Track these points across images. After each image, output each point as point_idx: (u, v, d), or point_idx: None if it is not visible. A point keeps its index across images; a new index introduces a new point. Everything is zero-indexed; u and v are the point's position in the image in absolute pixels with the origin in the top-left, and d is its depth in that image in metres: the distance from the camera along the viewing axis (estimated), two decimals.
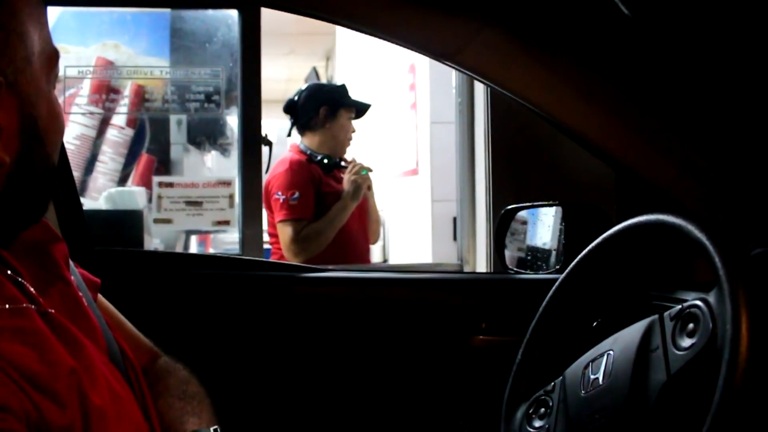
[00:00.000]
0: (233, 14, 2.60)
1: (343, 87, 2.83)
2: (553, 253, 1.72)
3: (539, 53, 1.20)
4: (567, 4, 1.12)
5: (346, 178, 2.60)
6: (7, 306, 0.68)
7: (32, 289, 0.74)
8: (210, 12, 2.71)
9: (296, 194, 2.58)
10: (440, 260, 3.30)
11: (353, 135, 2.77)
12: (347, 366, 1.47)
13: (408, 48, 1.30)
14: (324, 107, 2.73)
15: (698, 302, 0.81)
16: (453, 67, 1.31)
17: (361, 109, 2.83)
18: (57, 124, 0.74)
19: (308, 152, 2.70)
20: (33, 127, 0.69)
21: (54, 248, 0.85)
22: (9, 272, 0.74)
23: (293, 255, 2.56)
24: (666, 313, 0.87)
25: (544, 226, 1.79)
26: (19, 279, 0.74)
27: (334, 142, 2.72)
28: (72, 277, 0.86)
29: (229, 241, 3.57)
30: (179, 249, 3.02)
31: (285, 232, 2.57)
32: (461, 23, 1.18)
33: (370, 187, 2.76)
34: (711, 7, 0.97)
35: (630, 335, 0.91)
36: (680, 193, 1.29)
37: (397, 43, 1.30)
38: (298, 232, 2.56)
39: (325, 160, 2.69)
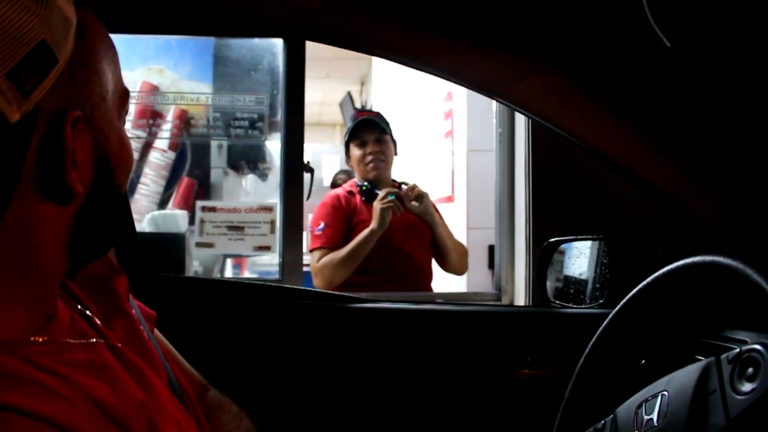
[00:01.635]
0: (277, 43, 2.64)
1: (350, 123, 2.91)
2: (590, 284, 1.72)
3: (589, 91, 1.22)
4: (613, 40, 1.13)
5: (375, 204, 2.59)
6: (81, 341, 0.70)
7: (99, 323, 0.77)
8: (255, 41, 2.76)
9: (321, 225, 2.68)
10: (474, 288, 3.30)
11: (370, 156, 2.74)
12: (391, 397, 1.47)
13: (460, 84, 1.32)
14: (345, 147, 2.90)
15: (758, 346, 0.81)
16: (503, 103, 1.33)
17: (356, 131, 2.81)
18: (127, 157, 0.76)
19: (358, 183, 2.79)
20: (106, 159, 0.71)
21: (116, 281, 0.87)
22: (79, 306, 0.77)
23: (316, 282, 2.63)
24: (723, 356, 0.86)
25: (582, 257, 1.79)
26: (88, 312, 0.77)
27: (359, 172, 2.79)
28: (133, 311, 0.88)
29: (263, 263, 3.61)
30: (216, 271, 3.06)
31: (311, 261, 2.68)
32: (513, 61, 1.20)
33: (425, 211, 2.72)
34: (753, 32, 0.98)
35: (685, 377, 0.90)
36: (728, 230, 1.29)
37: (448, 79, 1.32)
38: (317, 260, 2.63)
39: (364, 187, 2.73)
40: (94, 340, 0.72)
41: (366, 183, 2.73)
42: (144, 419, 0.67)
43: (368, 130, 2.77)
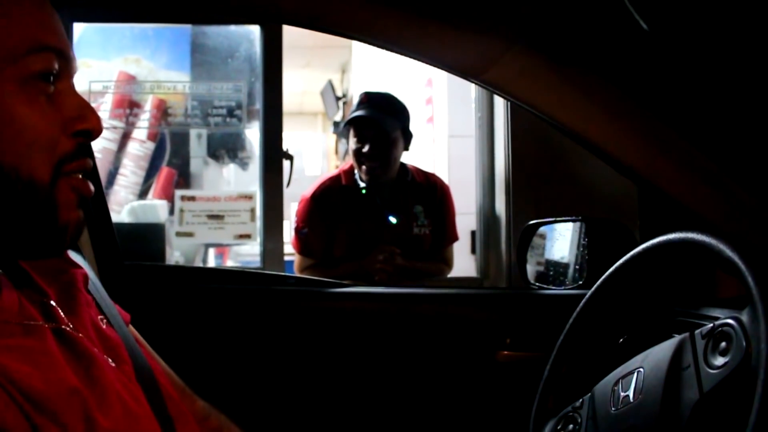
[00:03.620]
0: (254, 30, 2.63)
1: (354, 106, 2.59)
2: (571, 266, 1.72)
3: (564, 70, 1.22)
4: (590, 21, 1.13)
5: (369, 261, 2.40)
6: (23, 323, 0.68)
7: (55, 307, 0.75)
8: (231, 28, 2.74)
9: (304, 229, 2.51)
10: (458, 273, 3.31)
11: (365, 160, 2.45)
12: (372, 381, 1.47)
13: (435, 66, 1.32)
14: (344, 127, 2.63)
15: (731, 321, 0.81)
16: (479, 85, 1.32)
17: (353, 122, 2.49)
18: (16, 127, 0.65)
19: (358, 182, 2.53)
20: None
21: (74, 271, 0.85)
22: (37, 296, 0.75)
23: None
24: (697, 332, 0.87)
25: (562, 240, 1.80)
26: (44, 299, 0.75)
27: (355, 164, 2.53)
28: (90, 297, 0.86)
29: (245, 253, 3.60)
30: (198, 260, 3.05)
31: (295, 258, 2.56)
32: (488, 42, 1.19)
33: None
34: (730, 16, 0.98)
35: (660, 353, 0.91)
36: (703, 209, 1.30)
37: (423, 61, 1.31)
38: (299, 267, 2.53)
39: (363, 191, 2.51)
40: (40, 323, 0.70)
41: (365, 187, 2.51)
42: (76, 405, 0.65)
43: (370, 128, 2.46)
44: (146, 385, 0.83)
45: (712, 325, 0.85)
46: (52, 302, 0.76)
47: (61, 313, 0.76)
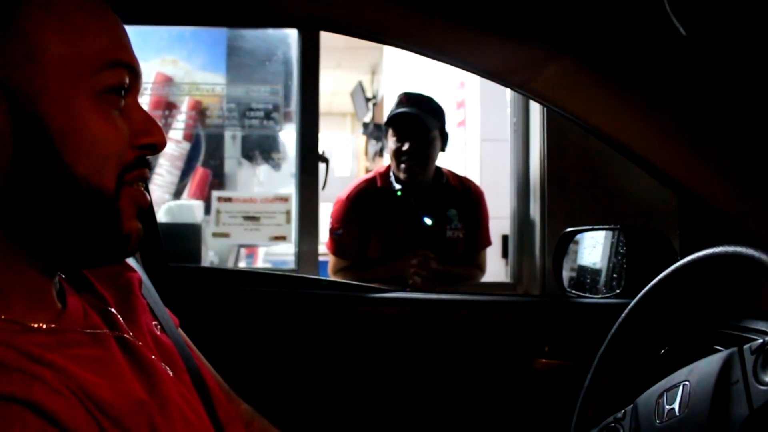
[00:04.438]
0: (291, 33, 2.65)
1: (395, 105, 2.60)
2: (604, 274, 1.72)
3: (605, 79, 1.22)
4: (630, 29, 1.13)
5: (406, 263, 2.41)
6: (89, 332, 0.70)
7: (117, 316, 0.77)
8: (268, 31, 2.77)
9: (339, 230, 2.53)
10: (489, 277, 3.31)
11: (405, 157, 2.46)
12: (408, 388, 1.48)
13: (478, 74, 1.33)
14: (384, 127, 2.63)
15: None
16: (521, 93, 1.33)
17: (396, 120, 2.49)
18: (92, 138, 0.67)
19: (393, 184, 2.53)
20: (35, 129, 0.65)
21: (129, 275, 0.87)
22: (96, 301, 0.77)
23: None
24: (746, 346, 0.87)
25: (597, 246, 1.79)
26: (106, 307, 0.77)
27: (393, 164, 2.53)
28: (145, 302, 0.88)
29: (276, 253, 3.63)
30: (231, 260, 3.08)
31: (329, 259, 2.59)
32: (531, 51, 1.20)
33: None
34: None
35: (707, 366, 0.91)
36: (744, 220, 1.29)
37: (467, 70, 1.32)
38: (333, 268, 2.56)
39: (398, 193, 2.52)
40: (105, 331, 0.72)
41: (400, 188, 2.52)
42: (144, 418, 0.66)
43: (410, 125, 2.47)
44: (200, 392, 0.84)
45: (762, 340, 0.84)
46: (112, 309, 0.78)
47: (121, 320, 0.77)
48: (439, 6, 1.13)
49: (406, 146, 2.46)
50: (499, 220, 2.96)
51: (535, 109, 2.48)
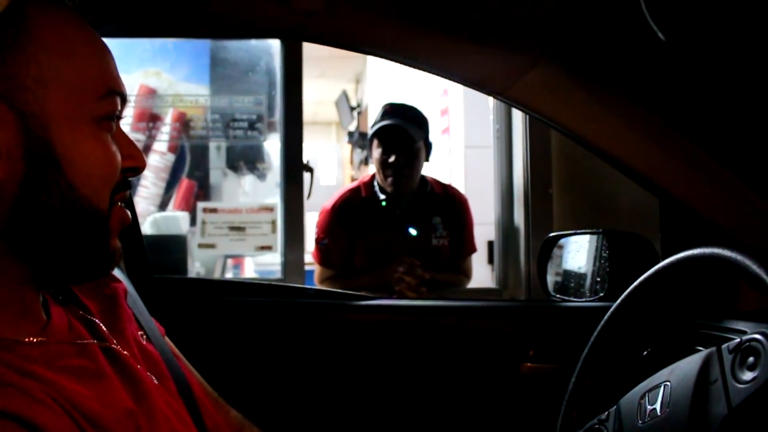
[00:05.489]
0: (274, 44, 2.66)
1: (378, 116, 2.59)
2: (589, 278, 1.73)
3: (586, 85, 1.23)
4: (610, 35, 1.15)
5: (391, 270, 2.41)
6: (75, 342, 0.71)
7: (101, 326, 0.78)
8: (251, 42, 2.78)
9: (324, 240, 2.54)
10: (475, 283, 3.32)
11: (391, 171, 2.46)
12: (395, 394, 1.49)
13: (458, 82, 1.34)
14: (369, 140, 2.63)
15: (758, 336, 0.82)
16: (502, 101, 1.34)
17: (381, 133, 2.49)
18: (94, 162, 0.71)
19: (378, 195, 2.54)
20: (45, 150, 0.67)
21: (114, 285, 0.88)
22: (81, 312, 0.78)
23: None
24: (724, 346, 0.88)
25: (581, 251, 1.81)
26: (90, 317, 0.78)
27: (378, 176, 2.53)
28: (130, 312, 0.89)
29: (263, 263, 3.63)
30: (218, 271, 3.08)
31: (315, 269, 2.59)
32: (512, 59, 1.21)
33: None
34: (746, 25, 0.98)
35: (687, 367, 0.92)
36: (724, 222, 1.31)
37: (447, 78, 1.33)
38: (319, 277, 2.57)
39: (383, 203, 2.54)
40: (91, 341, 0.73)
41: (385, 198, 2.53)
42: (131, 427, 0.68)
43: (395, 137, 2.48)
44: (186, 400, 0.85)
45: (739, 339, 0.86)
46: (96, 319, 0.79)
47: (106, 330, 0.78)
48: (419, 16, 1.15)
49: (392, 158, 2.47)
50: (485, 226, 2.98)
51: (518, 115, 2.50)
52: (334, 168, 7.03)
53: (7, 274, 0.68)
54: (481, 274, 3.27)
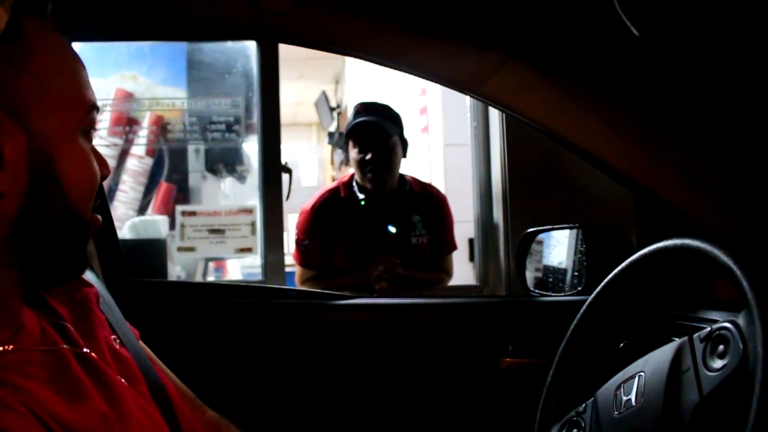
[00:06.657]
0: (250, 45, 2.65)
1: (351, 116, 2.60)
2: (569, 272, 1.75)
3: (558, 81, 1.24)
4: (582, 31, 1.16)
5: (371, 269, 2.41)
6: (47, 349, 0.71)
7: (73, 331, 0.78)
8: (227, 44, 2.77)
9: (305, 241, 2.53)
10: (456, 280, 3.33)
11: (370, 167, 2.46)
12: (375, 391, 1.49)
13: (431, 80, 1.35)
14: (344, 141, 2.64)
15: (727, 324, 0.84)
16: (475, 98, 1.35)
17: (356, 131, 2.50)
18: (82, 175, 0.74)
19: (357, 193, 2.55)
20: (46, 166, 0.70)
21: (86, 290, 0.88)
22: (52, 318, 0.78)
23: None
24: (695, 335, 0.89)
25: (560, 246, 1.82)
26: (62, 323, 0.78)
27: (357, 175, 2.54)
28: (103, 316, 0.89)
29: (245, 265, 3.62)
30: (199, 274, 3.07)
31: (296, 270, 2.59)
32: (484, 56, 1.22)
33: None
34: (722, 21, 0.99)
35: (660, 357, 0.93)
36: (698, 214, 1.32)
37: (419, 76, 1.34)
38: (300, 278, 2.56)
39: (362, 202, 2.54)
40: (64, 346, 0.73)
41: (364, 198, 2.53)
42: (105, 431, 0.68)
43: (370, 134, 2.48)
44: (160, 404, 0.85)
45: (709, 328, 0.87)
46: (67, 324, 0.78)
47: (77, 335, 0.78)
48: (389, 16, 1.15)
49: (369, 156, 2.47)
50: (465, 223, 2.99)
51: (494, 113, 2.51)
52: (315, 169, 7.01)
53: (1, 283, 0.70)
54: (463, 272, 3.28)
